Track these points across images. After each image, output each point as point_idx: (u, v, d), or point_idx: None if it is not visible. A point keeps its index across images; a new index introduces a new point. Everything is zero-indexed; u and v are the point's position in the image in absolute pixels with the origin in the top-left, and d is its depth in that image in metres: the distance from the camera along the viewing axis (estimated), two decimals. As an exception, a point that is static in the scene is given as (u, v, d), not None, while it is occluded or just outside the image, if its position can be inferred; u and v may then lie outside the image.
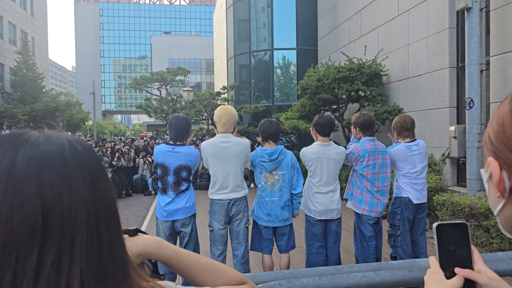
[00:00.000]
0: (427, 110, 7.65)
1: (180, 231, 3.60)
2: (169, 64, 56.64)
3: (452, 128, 6.70)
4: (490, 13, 6.11)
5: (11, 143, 0.51)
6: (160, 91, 21.59)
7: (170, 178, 3.57)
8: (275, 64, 15.56)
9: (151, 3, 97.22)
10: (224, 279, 0.79)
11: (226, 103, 17.76)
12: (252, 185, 10.91)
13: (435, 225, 0.69)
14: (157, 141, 14.68)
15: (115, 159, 11.22)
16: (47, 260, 0.48)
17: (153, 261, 0.78)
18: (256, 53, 16.15)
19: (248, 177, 11.02)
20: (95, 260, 0.51)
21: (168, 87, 21.66)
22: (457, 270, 0.67)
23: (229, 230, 3.70)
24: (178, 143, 3.63)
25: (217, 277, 0.79)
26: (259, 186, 3.77)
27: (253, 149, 4.63)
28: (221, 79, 28.20)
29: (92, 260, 0.51)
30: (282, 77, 15.91)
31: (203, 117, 17.94)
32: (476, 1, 5.95)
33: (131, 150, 12.30)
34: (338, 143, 4.84)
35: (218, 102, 17.42)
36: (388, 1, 9.05)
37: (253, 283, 0.85)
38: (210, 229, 3.65)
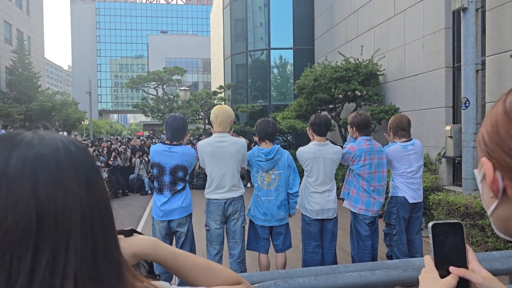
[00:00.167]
0: (423, 110, 7.67)
1: (176, 231, 3.59)
2: (165, 63, 56.56)
3: (448, 127, 6.73)
4: (486, 13, 6.13)
5: (5, 144, 0.51)
6: (157, 90, 21.54)
7: (166, 178, 3.57)
8: (271, 63, 15.56)
9: (147, 2, 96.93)
10: (219, 279, 0.79)
11: (223, 102, 17.73)
12: (248, 184, 10.90)
13: (430, 224, 0.69)
14: (153, 140, 14.64)
15: (111, 159, 11.19)
16: (42, 261, 0.48)
17: (148, 261, 0.78)
18: (253, 52, 16.15)
19: (244, 176, 11.02)
20: (89, 261, 0.51)
21: (164, 86, 21.61)
22: (451, 269, 0.67)
23: (225, 229, 3.70)
24: (174, 142, 3.63)
25: (212, 277, 0.79)
26: (256, 185, 3.77)
27: (249, 148, 4.64)
28: (218, 78, 28.17)
29: (86, 261, 0.51)
30: (278, 77, 15.91)
31: (200, 117, 17.90)
32: (472, 1, 5.97)
33: (128, 149, 12.27)
34: (335, 143, 4.85)
35: (215, 102, 17.39)
36: (384, 1, 9.07)
37: (248, 283, 0.85)
38: (207, 228, 3.64)
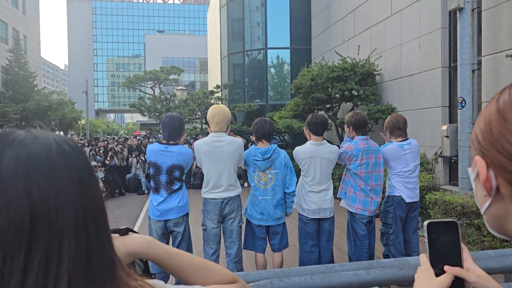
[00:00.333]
0: (419, 110, 7.69)
1: (173, 231, 3.59)
2: (162, 63, 56.46)
3: (444, 127, 6.75)
4: (482, 13, 6.16)
5: None
6: (154, 90, 21.50)
7: (163, 178, 3.56)
8: (269, 63, 15.56)
9: (144, 1, 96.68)
10: (214, 278, 0.79)
11: (220, 102, 17.71)
12: (246, 184, 10.89)
13: (426, 223, 0.69)
14: (150, 140, 14.62)
15: (108, 158, 11.17)
16: (34, 261, 0.47)
17: (144, 260, 0.78)
18: (250, 52, 16.14)
19: (242, 176, 11.01)
20: (83, 261, 0.51)
21: (161, 86, 21.57)
22: (446, 268, 0.67)
23: (222, 229, 3.70)
24: (171, 142, 3.62)
25: (208, 276, 0.79)
26: (252, 184, 3.77)
27: (246, 148, 4.63)
28: (215, 78, 28.14)
29: (80, 260, 0.50)
30: (276, 76, 15.91)
31: (197, 116, 17.89)
32: (468, 1, 5.99)
33: (124, 149, 12.25)
34: (332, 142, 4.86)
35: (212, 101, 17.38)
36: (381, 1, 9.08)
37: (244, 282, 0.85)
38: (203, 228, 3.64)
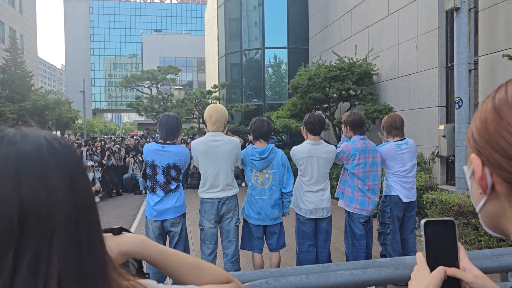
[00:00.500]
0: (416, 109, 7.71)
1: (169, 231, 3.57)
2: (160, 62, 56.40)
3: (441, 127, 6.77)
4: (478, 13, 6.17)
5: None
6: (151, 89, 21.47)
7: (160, 177, 3.55)
8: (266, 63, 15.56)
9: (142, 1, 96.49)
10: (209, 277, 0.79)
11: (217, 101, 17.69)
12: (243, 184, 10.89)
13: (423, 221, 0.69)
14: (147, 139, 14.59)
15: (105, 158, 11.14)
16: (24, 261, 0.47)
17: (138, 260, 0.77)
18: (247, 51, 16.14)
19: (239, 176, 11.00)
20: (73, 260, 0.50)
21: (159, 85, 21.55)
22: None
23: (219, 229, 3.69)
24: (168, 142, 3.61)
25: (202, 275, 0.78)
26: (250, 184, 3.77)
27: (244, 147, 4.62)
28: (212, 77, 28.12)
29: (70, 260, 0.50)
30: (273, 76, 15.91)
31: (194, 116, 17.86)
32: (465, 1, 6.01)
33: (122, 149, 12.22)
34: (329, 142, 4.87)
35: (209, 101, 17.36)
36: (378, 0, 9.09)
37: (239, 281, 0.84)
38: (201, 228, 3.63)
